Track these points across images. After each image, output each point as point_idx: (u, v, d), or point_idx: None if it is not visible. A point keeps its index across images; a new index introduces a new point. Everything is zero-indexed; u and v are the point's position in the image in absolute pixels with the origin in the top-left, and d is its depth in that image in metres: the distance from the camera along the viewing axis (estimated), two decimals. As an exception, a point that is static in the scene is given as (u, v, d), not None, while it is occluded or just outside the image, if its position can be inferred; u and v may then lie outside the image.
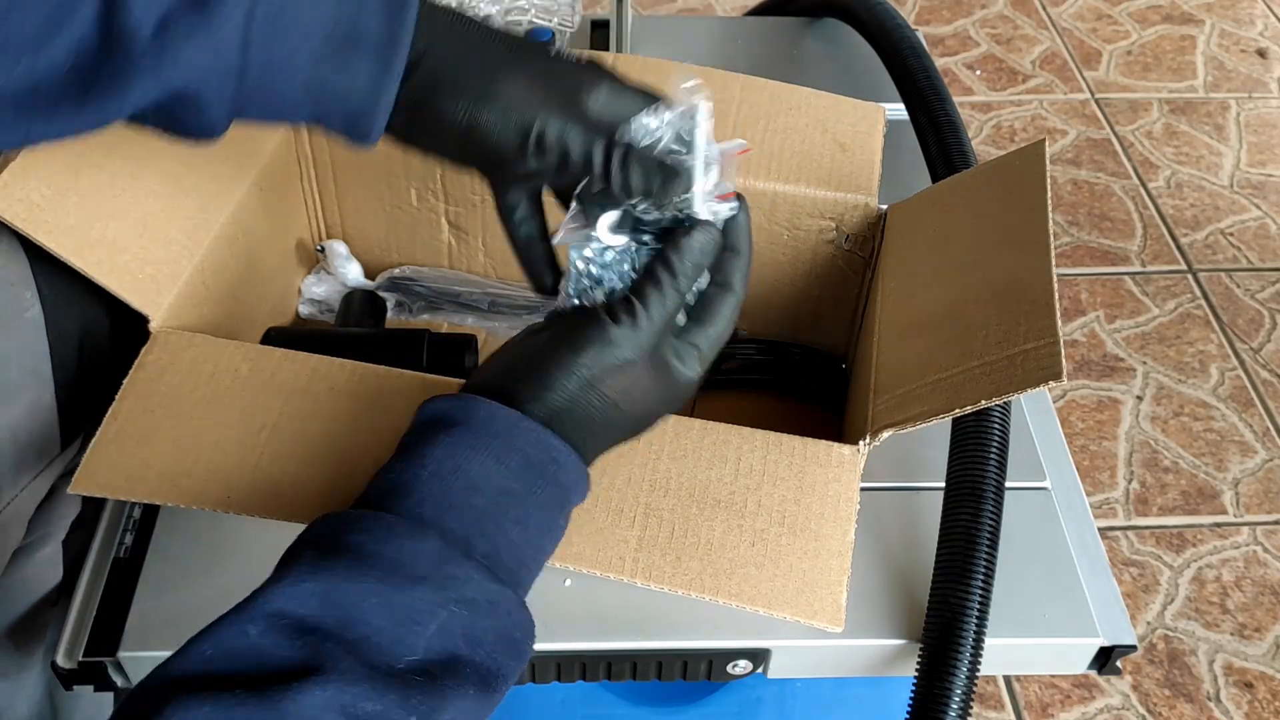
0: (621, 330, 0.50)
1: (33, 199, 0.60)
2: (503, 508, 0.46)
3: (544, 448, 0.48)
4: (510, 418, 0.48)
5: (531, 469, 0.47)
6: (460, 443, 0.47)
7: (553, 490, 0.48)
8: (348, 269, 0.81)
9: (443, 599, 0.42)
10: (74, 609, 0.63)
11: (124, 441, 0.58)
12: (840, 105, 0.76)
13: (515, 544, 0.46)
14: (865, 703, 0.82)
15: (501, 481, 0.46)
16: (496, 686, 0.43)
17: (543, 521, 0.48)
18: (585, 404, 0.50)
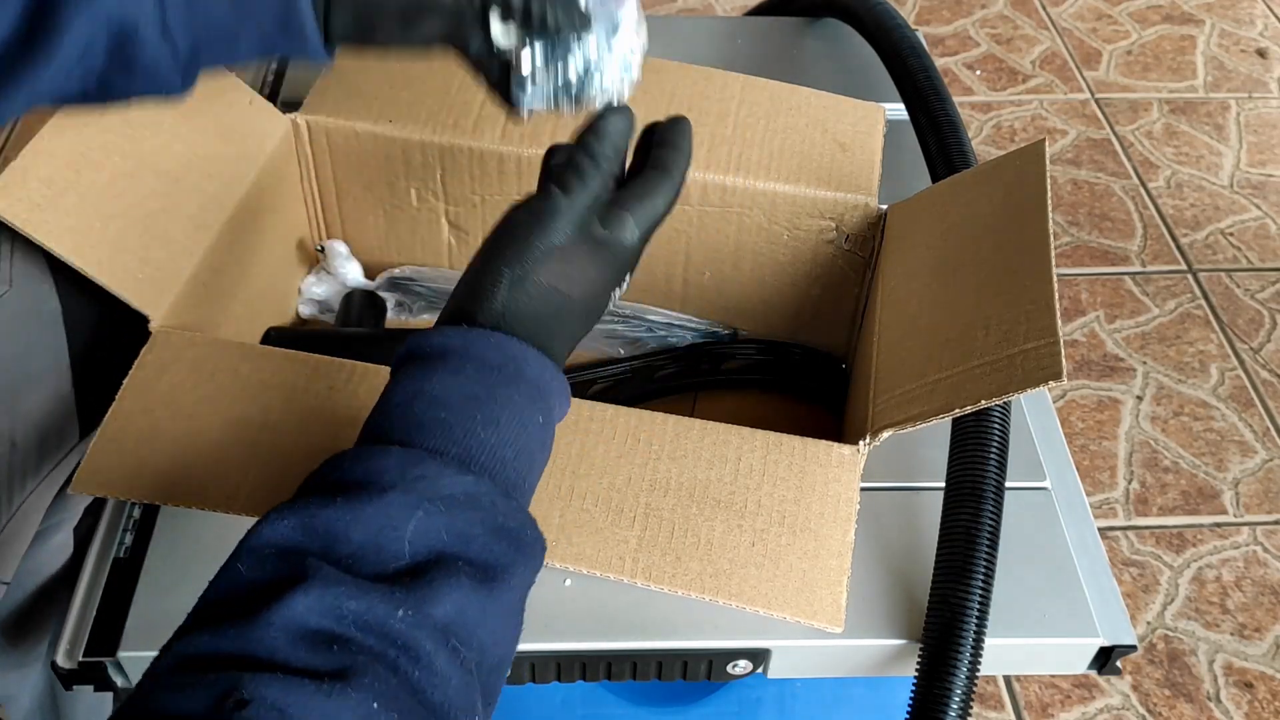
0: (539, 216, 0.50)
1: (33, 199, 0.60)
2: (468, 414, 0.46)
3: (496, 348, 0.48)
4: (460, 332, 0.48)
5: (490, 371, 0.47)
6: (420, 370, 0.47)
7: (520, 387, 0.48)
8: (348, 269, 0.81)
9: (415, 499, 0.42)
10: (74, 609, 0.63)
11: (124, 441, 0.58)
12: (840, 105, 0.76)
13: (489, 444, 0.46)
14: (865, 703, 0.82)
15: (463, 390, 0.46)
16: (497, 576, 0.42)
17: (514, 419, 0.47)
18: (527, 298, 0.49)
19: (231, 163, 0.70)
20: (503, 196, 0.76)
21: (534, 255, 0.49)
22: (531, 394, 0.48)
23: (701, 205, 0.73)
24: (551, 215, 0.50)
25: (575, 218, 0.50)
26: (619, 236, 0.51)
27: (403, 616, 0.38)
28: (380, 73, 0.76)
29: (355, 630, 0.38)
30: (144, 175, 0.65)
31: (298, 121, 0.75)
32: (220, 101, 0.70)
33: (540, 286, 0.49)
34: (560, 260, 0.50)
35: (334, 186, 0.79)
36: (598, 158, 0.51)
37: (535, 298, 0.49)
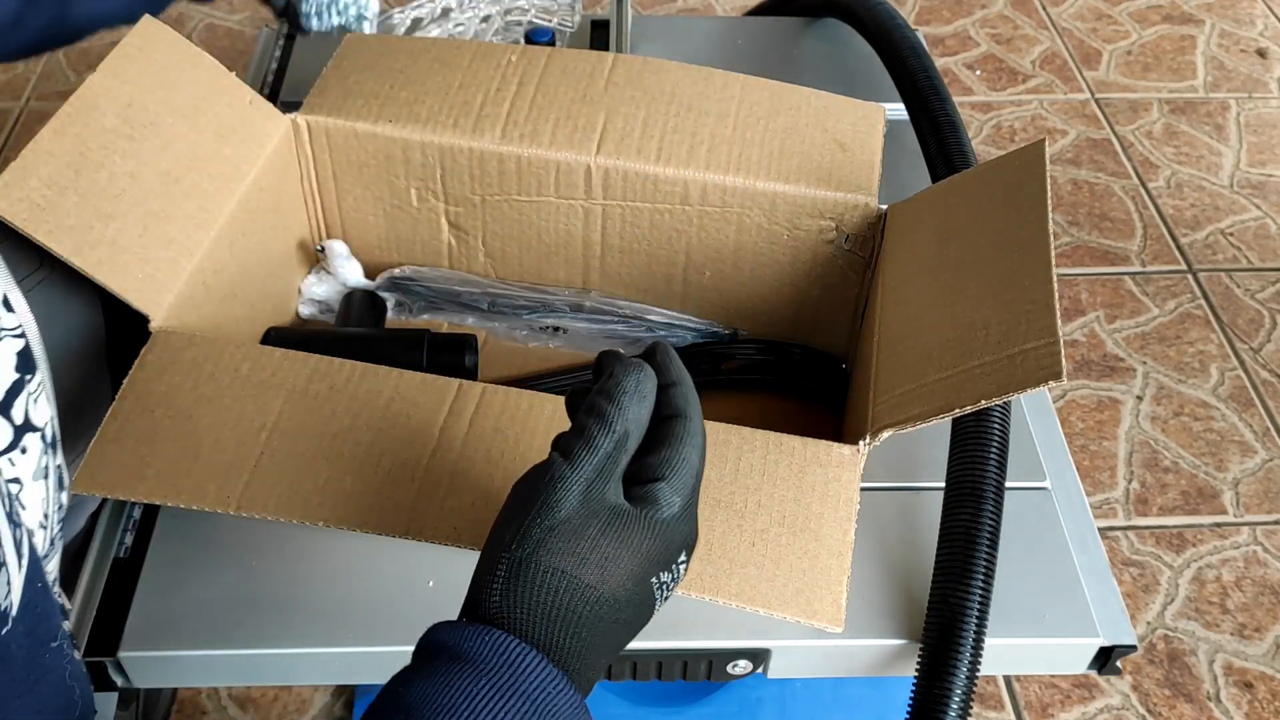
0: (539, 488, 0.43)
1: (33, 199, 0.60)
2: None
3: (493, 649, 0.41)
4: (450, 630, 0.42)
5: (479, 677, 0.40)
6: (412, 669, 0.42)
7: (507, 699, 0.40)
8: (347, 269, 0.81)
9: None
10: (74, 609, 0.63)
11: (124, 441, 0.58)
12: (840, 105, 0.76)
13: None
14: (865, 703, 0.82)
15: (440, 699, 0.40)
16: None
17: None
18: (531, 586, 0.42)
19: (231, 163, 0.70)
20: (502, 196, 0.76)
21: (535, 533, 0.43)
22: (524, 709, 0.40)
23: (701, 205, 0.73)
24: (552, 486, 0.43)
25: (581, 488, 0.43)
26: (650, 508, 0.44)
27: None
28: (380, 72, 0.76)
29: None
30: (144, 175, 0.65)
31: (297, 121, 0.75)
32: (220, 101, 0.70)
33: (546, 572, 0.42)
34: (570, 538, 0.43)
35: (334, 186, 0.79)
36: (607, 418, 0.44)
37: (541, 587, 0.42)
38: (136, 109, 0.66)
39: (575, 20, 1.02)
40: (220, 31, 1.84)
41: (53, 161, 0.61)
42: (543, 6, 1.02)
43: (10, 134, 1.66)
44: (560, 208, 0.75)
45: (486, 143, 0.73)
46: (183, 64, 0.69)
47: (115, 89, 0.65)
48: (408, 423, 0.59)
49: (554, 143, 0.73)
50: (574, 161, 0.72)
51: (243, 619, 0.63)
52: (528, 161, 0.73)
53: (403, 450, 0.58)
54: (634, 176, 0.72)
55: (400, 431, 0.58)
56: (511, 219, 0.77)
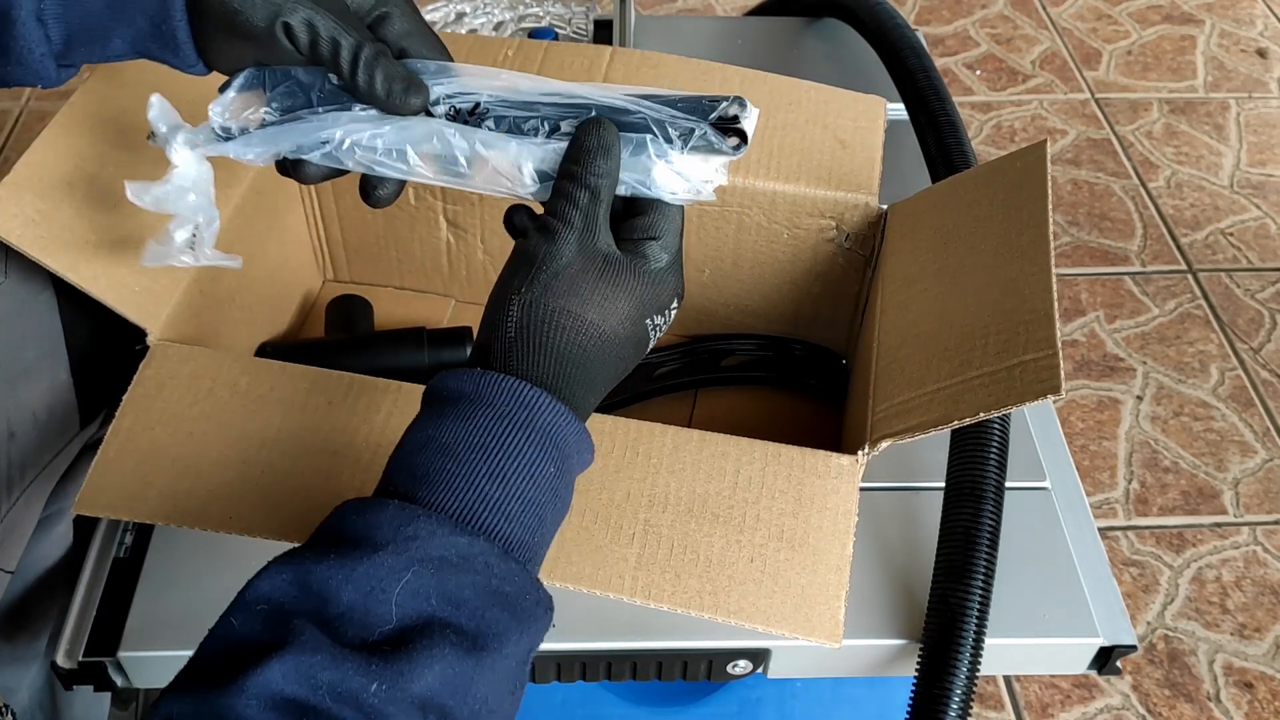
0: (540, 242, 0.48)
1: (27, 214, 0.59)
2: (473, 465, 0.44)
3: (508, 393, 0.45)
4: (473, 376, 0.46)
5: (499, 418, 0.45)
6: (435, 413, 0.46)
7: (530, 436, 0.45)
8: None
9: (406, 560, 0.41)
10: (74, 609, 0.63)
11: (125, 461, 0.58)
12: (840, 99, 0.76)
13: (492, 498, 0.44)
14: (865, 703, 0.82)
15: (472, 438, 0.45)
16: (488, 645, 0.41)
17: (523, 471, 0.45)
18: (540, 325, 0.47)
19: (227, 166, 0.69)
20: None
21: (542, 278, 0.47)
22: (544, 444, 0.45)
23: (700, 204, 0.73)
24: (550, 238, 0.48)
25: (577, 238, 0.48)
26: (641, 261, 0.49)
27: (376, 690, 0.38)
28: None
29: (329, 700, 0.37)
30: (138, 184, 0.64)
31: (297, 121, 0.74)
32: (219, 101, 0.70)
33: (554, 311, 0.47)
34: (572, 282, 0.47)
35: (331, 185, 0.79)
36: (579, 177, 0.48)
37: (550, 325, 0.47)
38: (131, 116, 0.65)
39: (589, 29, 1.02)
40: (220, 31, 1.84)
41: (47, 175, 0.61)
42: (557, 14, 1.03)
43: (10, 134, 1.66)
44: (560, 207, 0.75)
45: (486, 142, 0.73)
46: (181, 64, 0.69)
47: (109, 96, 0.65)
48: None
49: (553, 142, 0.72)
50: (573, 161, 0.72)
51: (242, 619, 0.63)
52: (527, 161, 0.73)
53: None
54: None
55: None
56: (511, 219, 0.77)
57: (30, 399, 0.62)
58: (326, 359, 0.64)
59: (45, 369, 0.63)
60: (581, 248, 0.48)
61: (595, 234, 0.48)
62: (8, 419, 0.61)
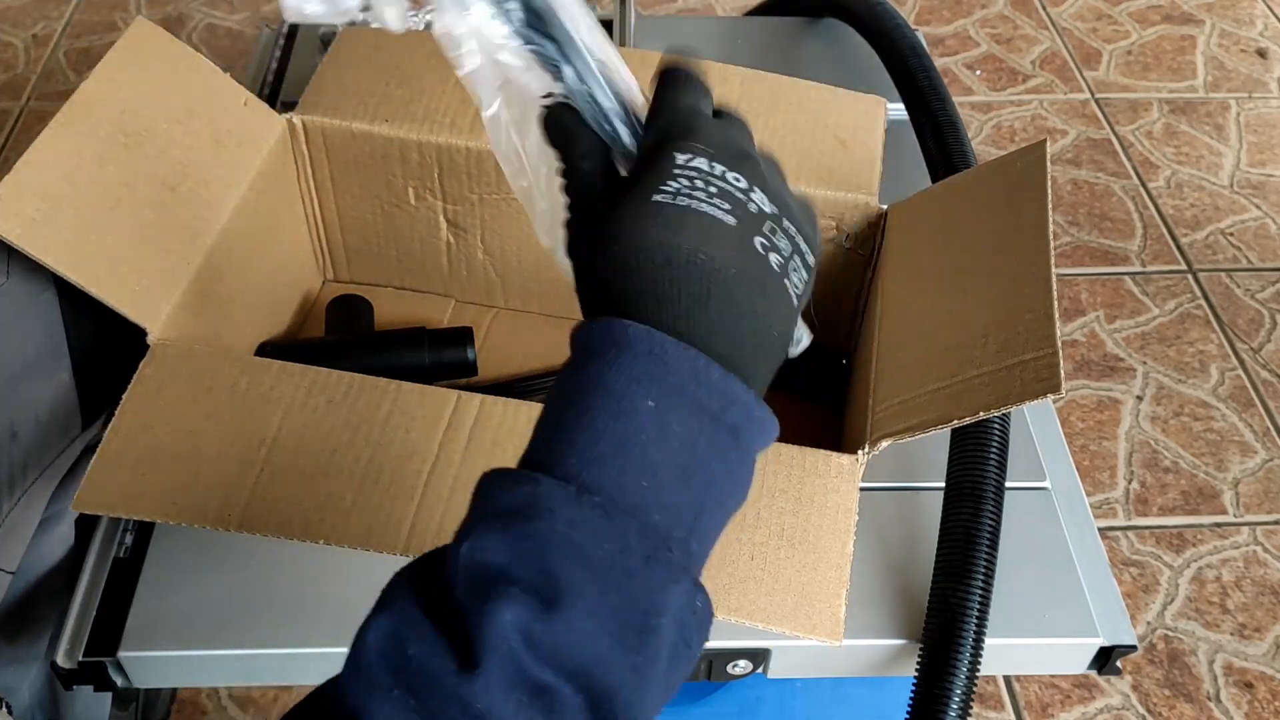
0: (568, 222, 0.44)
1: (27, 213, 0.59)
2: (559, 409, 0.40)
3: (596, 332, 0.40)
4: (579, 325, 0.41)
5: (590, 358, 0.39)
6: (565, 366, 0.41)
7: (613, 365, 0.39)
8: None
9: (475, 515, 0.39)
10: (74, 609, 0.63)
11: (124, 459, 0.58)
12: (841, 99, 0.76)
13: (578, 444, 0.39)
14: (865, 703, 0.82)
15: (564, 383, 0.40)
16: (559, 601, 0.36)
17: (607, 407, 0.39)
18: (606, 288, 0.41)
19: (227, 167, 0.70)
20: (501, 195, 0.76)
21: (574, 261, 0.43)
22: (630, 372, 0.38)
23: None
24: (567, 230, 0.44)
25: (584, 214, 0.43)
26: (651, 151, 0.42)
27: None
28: (375, 68, 0.76)
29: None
30: (139, 184, 0.64)
31: (294, 122, 0.74)
32: (215, 104, 0.70)
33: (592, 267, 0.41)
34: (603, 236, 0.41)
35: (331, 185, 0.79)
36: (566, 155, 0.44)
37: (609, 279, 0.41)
38: (131, 115, 0.65)
39: None
40: (220, 31, 1.84)
41: (47, 174, 0.61)
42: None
43: (10, 134, 1.66)
44: (560, 207, 0.75)
45: (484, 142, 0.73)
46: (177, 67, 0.69)
47: (109, 95, 0.65)
48: (406, 437, 0.59)
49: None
50: (573, 161, 0.72)
51: (243, 619, 0.63)
52: (527, 161, 0.73)
53: (402, 465, 0.58)
54: (633, 176, 0.72)
55: (399, 446, 0.58)
56: (510, 217, 0.77)
57: (32, 399, 0.62)
58: (326, 359, 0.64)
59: (47, 369, 0.63)
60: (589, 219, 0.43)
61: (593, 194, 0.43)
62: (10, 419, 0.61)
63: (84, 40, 1.82)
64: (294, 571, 0.65)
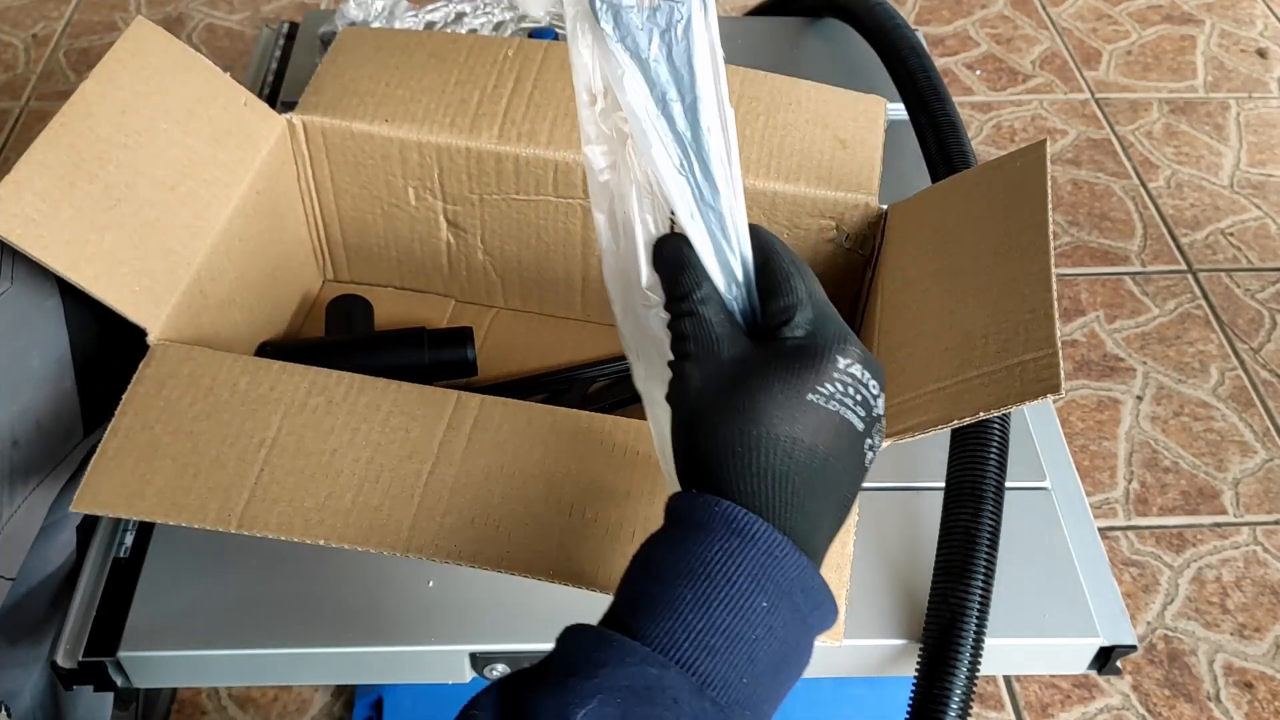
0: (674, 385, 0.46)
1: (27, 213, 0.59)
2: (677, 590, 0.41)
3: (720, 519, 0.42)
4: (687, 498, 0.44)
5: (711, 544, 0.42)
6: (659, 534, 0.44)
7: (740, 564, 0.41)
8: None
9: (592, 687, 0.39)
10: (74, 609, 0.63)
11: (124, 459, 0.58)
12: (840, 99, 0.76)
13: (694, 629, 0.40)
14: (865, 703, 0.82)
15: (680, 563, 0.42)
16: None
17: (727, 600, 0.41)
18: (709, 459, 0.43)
19: (227, 167, 0.70)
20: (501, 195, 0.76)
21: (682, 418, 0.45)
22: (756, 575, 0.41)
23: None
24: (681, 378, 0.45)
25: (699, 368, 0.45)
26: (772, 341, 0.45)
27: None
28: (375, 68, 0.76)
29: None
30: (139, 185, 0.64)
31: (293, 122, 0.74)
32: (215, 104, 0.70)
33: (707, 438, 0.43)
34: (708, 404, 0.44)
35: (331, 185, 0.79)
36: (674, 308, 0.46)
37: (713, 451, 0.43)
38: (130, 115, 0.65)
39: None
40: (220, 31, 1.84)
41: (47, 174, 0.61)
42: (556, 13, 1.02)
43: (10, 134, 1.66)
44: (559, 207, 0.75)
45: (484, 142, 0.73)
46: (176, 67, 0.69)
47: (109, 96, 0.65)
48: (406, 437, 0.59)
49: (551, 142, 0.73)
50: (572, 161, 0.72)
51: (243, 619, 0.63)
52: (525, 161, 0.73)
53: (402, 465, 0.58)
54: (633, 176, 0.72)
55: (399, 446, 0.58)
56: (510, 218, 0.77)
57: (34, 406, 0.62)
58: (326, 359, 0.64)
59: (50, 377, 0.63)
60: (707, 374, 0.45)
61: (718, 350, 0.45)
62: (11, 426, 0.61)
63: (84, 40, 1.82)
64: (294, 571, 0.65)
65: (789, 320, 0.45)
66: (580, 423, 0.60)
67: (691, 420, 0.44)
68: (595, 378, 0.78)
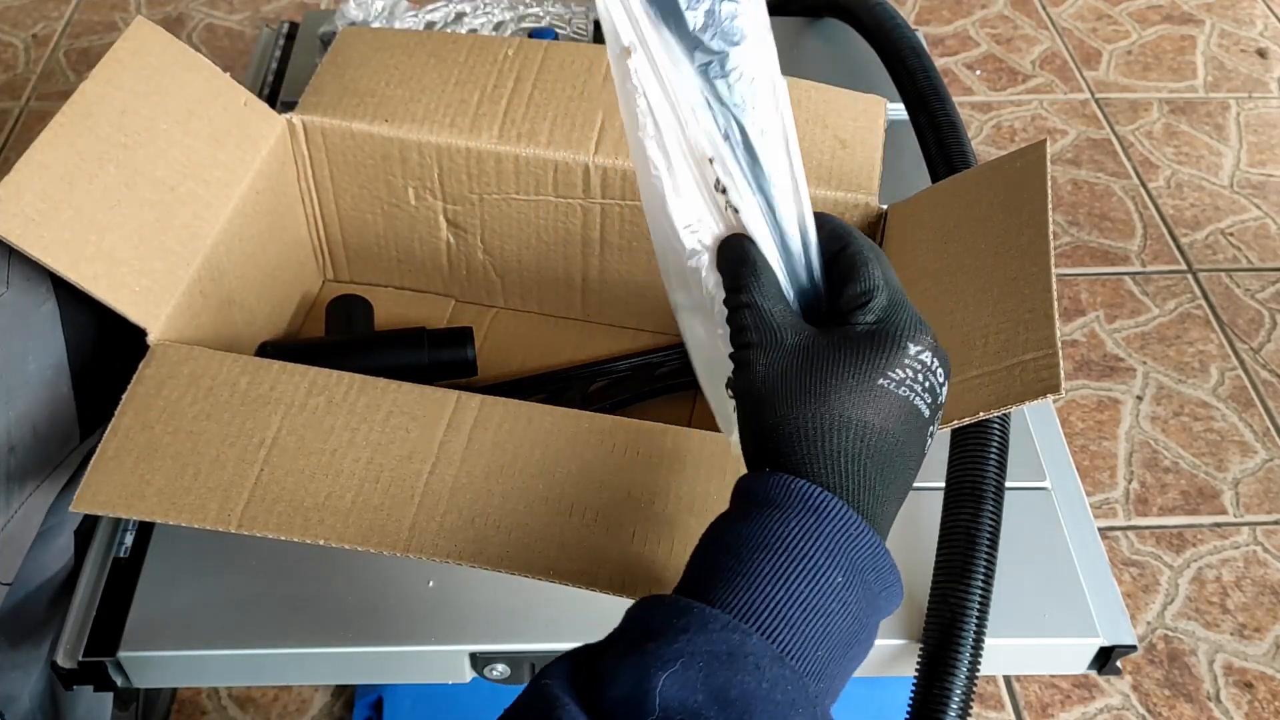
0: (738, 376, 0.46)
1: (27, 213, 0.59)
2: (755, 563, 0.42)
3: (797, 495, 0.43)
4: (763, 477, 0.44)
5: (787, 520, 0.43)
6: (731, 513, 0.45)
7: (816, 539, 0.42)
8: None
9: (673, 651, 0.40)
10: (74, 609, 0.63)
11: (124, 458, 0.58)
12: (840, 99, 0.76)
13: (772, 599, 0.42)
14: (865, 703, 0.82)
15: (755, 538, 0.43)
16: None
17: (805, 574, 0.42)
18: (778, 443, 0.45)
19: (227, 167, 0.70)
20: (501, 195, 0.76)
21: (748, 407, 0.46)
22: (832, 550, 0.42)
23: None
24: (746, 366, 0.46)
25: (764, 355, 0.46)
26: (844, 326, 0.46)
27: None
28: (375, 68, 0.76)
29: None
30: (139, 185, 0.64)
31: (293, 122, 0.74)
32: (215, 104, 0.70)
33: (773, 424, 0.45)
34: (775, 390, 0.45)
35: (331, 185, 0.79)
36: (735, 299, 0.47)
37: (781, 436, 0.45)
38: (130, 116, 0.65)
39: (589, 29, 1.02)
40: (220, 31, 1.84)
41: (47, 174, 0.61)
42: (556, 13, 1.02)
43: (10, 134, 1.66)
44: (559, 206, 0.75)
45: (484, 142, 0.73)
46: (176, 67, 0.69)
47: (109, 96, 0.65)
48: (406, 437, 0.59)
49: (551, 142, 0.73)
50: (572, 161, 0.72)
51: (243, 619, 0.63)
52: (525, 161, 0.73)
53: (402, 465, 0.58)
54: (633, 176, 0.72)
55: (399, 446, 0.58)
56: (510, 217, 0.77)
57: (30, 411, 0.62)
58: (326, 359, 0.64)
59: (46, 381, 0.63)
60: (772, 360, 0.45)
61: (781, 337, 0.46)
62: (7, 431, 0.61)
63: (84, 40, 1.82)
64: (294, 571, 0.65)
65: (865, 304, 0.46)
66: (580, 423, 0.60)
67: (760, 405, 0.45)
68: (595, 378, 0.78)
